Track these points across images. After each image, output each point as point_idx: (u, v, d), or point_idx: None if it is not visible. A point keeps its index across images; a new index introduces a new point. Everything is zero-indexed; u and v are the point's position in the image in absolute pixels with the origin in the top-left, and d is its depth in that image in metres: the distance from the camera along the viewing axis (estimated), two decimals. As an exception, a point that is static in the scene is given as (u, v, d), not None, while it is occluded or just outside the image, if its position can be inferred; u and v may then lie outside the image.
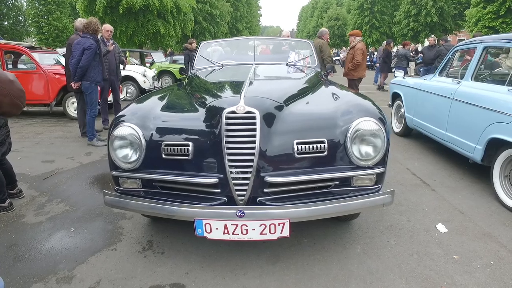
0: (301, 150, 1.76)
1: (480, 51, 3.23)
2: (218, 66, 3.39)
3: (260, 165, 1.74)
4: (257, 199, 1.78)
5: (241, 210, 1.71)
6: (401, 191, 3.06)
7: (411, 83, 4.60)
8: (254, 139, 1.72)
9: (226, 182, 1.76)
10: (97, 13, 14.05)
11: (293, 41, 3.84)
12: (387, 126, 1.91)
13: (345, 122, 1.85)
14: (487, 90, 2.97)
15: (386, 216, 2.57)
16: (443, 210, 2.68)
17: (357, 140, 1.81)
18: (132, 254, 2.16)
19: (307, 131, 1.83)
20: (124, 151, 1.96)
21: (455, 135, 3.35)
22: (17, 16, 33.73)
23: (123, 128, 1.94)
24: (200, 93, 2.31)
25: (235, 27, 33.10)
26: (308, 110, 1.98)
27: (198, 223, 1.75)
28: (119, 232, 2.45)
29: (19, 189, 3.07)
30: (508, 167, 2.72)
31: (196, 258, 2.09)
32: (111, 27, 5.60)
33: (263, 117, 1.77)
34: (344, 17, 40.21)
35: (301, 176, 1.77)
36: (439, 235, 2.31)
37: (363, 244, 2.20)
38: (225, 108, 1.78)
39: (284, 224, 1.72)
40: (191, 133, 1.89)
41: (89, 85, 4.71)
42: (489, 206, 2.74)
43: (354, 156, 1.81)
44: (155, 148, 1.91)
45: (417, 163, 3.84)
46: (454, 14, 27.53)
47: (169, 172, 1.90)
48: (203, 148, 1.83)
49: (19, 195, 3.04)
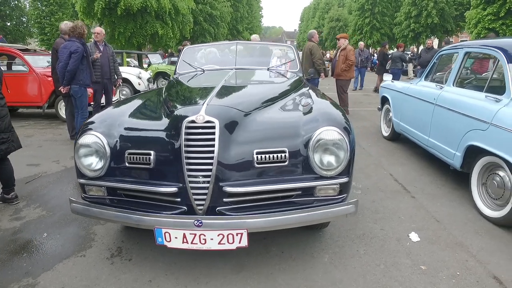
0: (261, 159, 1.76)
1: (462, 56, 3.20)
2: (200, 71, 3.39)
3: (219, 175, 1.73)
4: (216, 208, 1.77)
5: (199, 220, 1.71)
6: (380, 198, 3.04)
7: (398, 87, 4.58)
8: (212, 149, 1.72)
9: (185, 191, 1.76)
10: (96, 14, 14.12)
11: (276, 46, 3.83)
12: (352, 136, 1.90)
13: (308, 131, 1.84)
14: (465, 96, 2.95)
15: (360, 224, 2.55)
16: (419, 218, 2.66)
17: (319, 150, 1.80)
18: (100, 261, 2.16)
19: (268, 140, 1.82)
20: (89, 159, 1.97)
21: (437, 141, 3.33)
22: (19, 17, 33.99)
23: (87, 136, 1.96)
24: (170, 100, 2.31)
25: (235, 28, 33.12)
26: (271, 119, 1.97)
27: (158, 232, 1.76)
28: (91, 238, 2.45)
29: (14, 194, 3.02)
30: (485, 174, 2.69)
31: (162, 266, 2.09)
32: (101, 29, 5.60)
33: (223, 126, 1.77)
34: (345, 18, 40.09)
35: (260, 186, 1.77)
36: (410, 244, 2.29)
37: (332, 254, 2.18)
38: (186, 117, 1.78)
39: (242, 234, 1.71)
40: (153, 142, 1.90)
41: (79, 88, 4.72)
42: (466, 214, 2.72)
43: (317, 166, 1.80)
44: (120, 156, 1.92)
45: (401, 168, 3.82)
46: (455, 15, 27.38)
47: (132, 181, 1.91)
48: (164, 157, 1.83)
49: (13, 201, 3.00)
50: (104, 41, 5.63)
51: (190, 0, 17.10)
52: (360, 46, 11.78)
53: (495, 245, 2.27)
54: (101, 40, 5.52)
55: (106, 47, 5.56)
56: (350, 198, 2.95)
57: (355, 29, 33.42)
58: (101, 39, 5.50)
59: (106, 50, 5.51)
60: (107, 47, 5.58)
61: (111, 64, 5.57)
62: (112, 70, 5.61)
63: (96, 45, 5.44)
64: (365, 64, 11.69)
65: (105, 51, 5.48)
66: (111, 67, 5.57)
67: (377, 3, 31.30)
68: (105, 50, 5.49)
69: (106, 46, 5.57)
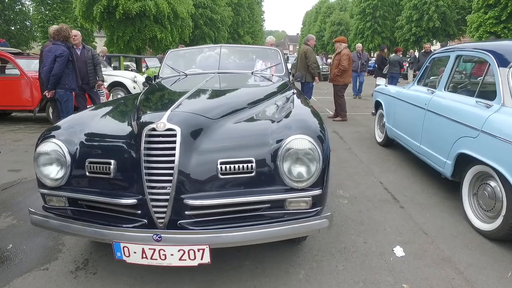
0: (225, 170, 1.63)
1: (453, 59, 3.07)
2: (183, 75, 3.29)
3: (179, 187, 1.61)
4: (178, 222, 1.65)
5: (157, 234, 1.59)
6: (367, 208, 2.89)
7: (391, 91, 4.44)
8: (173, 159, 1.60)
9: (145, 203, 1.64)
10: (95, 18, 14.13)
11: (261, 49, 3.72)
12: (326, 145, 1.77)
13: (278, 139, 1.71)
14: (456, 102, 2.81)
15: (342, 237, 2.41)
16: (406, 230, 2.51)
17: (289, 160, 1.67)
18: (63, 275, 2.04)
19: (234, 149, 1.69)
20: (49, 168, 1.86)
21: (428, 148, 3.19)
22: (23, 21, 34.30)
23: (47, 144, 1.85)
24: (140, 105, 2.20)
25: (236, 32, 33.18)
26: (239, 126, 1.85)
27: (116, 246, 1.65)
28: (58, 249, 2.33)
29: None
30: (477, 184, 2.54)
31: (127, 280, 1.96)
32: (76, 32, 5.31)
33: (186, 134, 1.65)
34: (347, 22, 40.08)
35: (225, 198, 1.64)
36: (394, 259, 2.15)
37: (308, 269, 2.04)
38: (148, 124, 1.67)
39: (204, 250, 1.59)
40: (114, 150, 1.79)
41: (64, 93, 4.63)
42: (456, 226, 2.57)
43: (286, 177, 1.67)
44: (81, 165, 1.81)
45: (392, 176, 3.67)
46: (457, 19, 27.27)
47: (92, 191, 1.80)
48: (124, 167, 1.72)
49: None
50: (82, 43, 5.43)
51: (189, 4, 17.10)
52: (358, 49, 10.67)
53: (485, 261, 2.12)
54: (79, 44, 5.35)
55: (84, 50, 5.36)
56: (335, 208, 2.86)
57: (357, 33, 33.38)
58: (78, 43, 5.32)
59: (83, 53, 5.31)
60: (85, 49, 5.37)
61: (90, 68, 5.34)
62: (91, 73, 5.37)
63: (72, 48, 5.22)
64: (364, 69, 10.83)
65: (82, 55, 5.27)
66: (89, 71, 5.34)
67: (379, 7, 31.27)
68: (82, 54, 5.29)
69: (84, 49, 5.36)
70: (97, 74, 5.52)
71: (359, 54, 10.39)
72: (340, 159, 4.25)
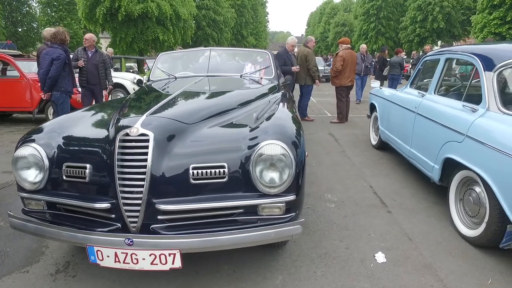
0: (197, 175, 1.63)
1: (443, 62, 3.03)
2: (172, 79, 3.30)
3: (152, 192, 1.62)
4: (151, 226, 1.65)
5: (129, 239, 1.60)
6: (353, 212, 2.87)
7: (385, 94, 4.40)
8: (145, 163, 1.60)
9: (118, 208, 1.65)
10: (98, 20, 14.26)
11: (251, 52, 3.71)
12: (301, 150, 1.76)
13: (251, 144, 1.70)
14: (444, 105, 2.78)
15: (324, 242, 2.39)
16: (391, 236, 2.48)
17: (261, 165, 1.66)
18: (42, 278, 2.05)
19: (206, 154, 1.69)
20: (27, 171, 1.88)
21: (418, 152, 3.15)
22: (30, 23, 34.78)
23: (25, 148, 1.87)
24: (120, 109, 2.21)
25: (240, 33, 33.23)
26: (214, 131, 1.85)
27: (90, 250, 1.67)
28: (41, 251, 2.34)
29: None
30: (463, 190, 2.50)
31: (105, 283, 1.97)
32: (91, 35, 5.57)
33: (159, 139, 1.66)
34: (351, 23, 39.93)
35: (196, 203, 1.64)
36: (374, 266, 2.12)
37: (286, 275, 2.02)
38: (122, 129, 1.68)
39: (175, 255, 1.59)
40: (90, 155, 1.81)
41: (60, 95, 4.69)
42: (442, 232, 2.53)
43: (259, 182, 1.66)
44: (58, 169, 1.83)
45: (383, 180, 3.63)
46: (462, 20, 26.99)
47: (69, 195, 1.82)
48: (99, 172, 1.74)
49: None
50: (95, 47, 5.62)
51: (191, 6, 17.17)
52: (362, 50, 9.57)
53: (466, 268, 2.08)
54: (91, 46, 5.51)
55: (96, 54, 5.55)
56: (321, 213, 2.84)
57: (360, 34, 33.22)
58: (90, 45, 5.49)
59: (95, 56, 5.51)
60: (97, 53, 5.57)
61: (101, 71, 5.55)
62: (102, 76, 5.59)
63: (85, 51, 5.45)
64: (368, 71, 9.61)
65: (93, 58, 5.48)
66: (100, 73, 5.54)
67: (383, 8, 31.08)
68: (93, 57, 5.49)
69: (96, 53, 5.56)
70: (106, 78, 5.69)
71: (363, 56, 9.36)
72: (332, 162, 4.22)
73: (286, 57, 6.30)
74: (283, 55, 6.31)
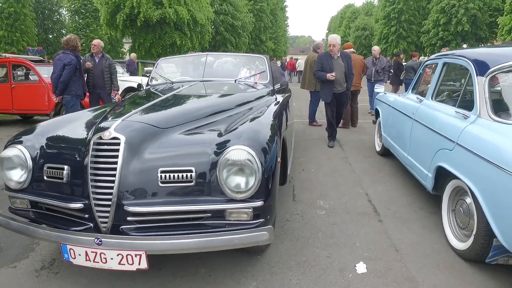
0: (165, 179, 1.66)
1: (440, 67, 2.92)
2: (169, 83, 3.37)
3: (121, 194, 1.67)
4: (120, 227, 1.70)
5: (98, 238, 1.65)
6: (343, 220, 2.80)
7: (389, 99, 4.29)
8: (115, 166, 1.65)
9: (90, 208, 1.72)
10: (118, 26, 14.80)
11: (248, 57, 3.73)
12: (270, 156, 1.75)
13: (219, 149, 1.71)
14: (438, 111, 2.67)
15: (306, 250, 2.34)
16: (377, 246, 2.40)
17: (227, 170, 1.66)
18: (27, 274, 2.13)
19: (175, 158, 1.72)
20: (12, 172, 1.98)
21: (414, 159, 3.04)
22: (60, 29, 36.65)
23: (9, 150, 1.98)
24: (105, 113, 2.28)
25: (258, 38, 33.42)
26: (185, 136, 1.87)
27: (63, 248, 1.74)
28: (31, 248, 2.43)
29: None
30: (455, 200, 2.39)
31: (83, 281, 2.03)
32: (98, 41, 5.76)
33: (131, 143, 1.71)
34: (371, 27, 39.23)
35: (163, 206, 1.67)
36: (353, 276, 2.06)
37: (260, 281, 2.00)
38: (97, 133, 1.75)
39: (141, 256, 1.62)
40: (69, 157, 1.90)
41: (71, 98, 4.90)
42: (433, 244, 2.42)
43: (226, 187, 1.66)
44: (41, 169, 1.93)
45: (381, 187, 3.53)
46: (489, 22, 25.88)
47: (48, 194, 1.90)
48: (75, 173, 1.82)
49: None
50: (102, 52, 5.80)
51: (209, 11, 17.49)
52: (374, 53, 8.34)
53: (451, 283, 1.98)
54: (99, 52, 5.69)
55: (103, 59, 5.71)
56: (309, 220, 2.79)
57: (381, 38, 32.56)
58: (98, 51, 5.67)
59: (101, 62, 5.66)
60: (103, 58, 5.73)
61: (106, 76, 5.68)
62: (107, 80, 5.73)
63: (92, 56, 5.64)
64: (381, 77, 8.20)
65: (99, 63, 5.63)
66: (105, 78, 5.68)
67: (404, 11, 30.35)
68: (100, 62, 5.64)
69: (103, 58, 5.72)
70: (112, 83, 5.80)
71: (374, 59, 8.25)
72: (331, 168, 4.15)
73: (325, 61, 4.86)
74: (323, 58, 4.97)
